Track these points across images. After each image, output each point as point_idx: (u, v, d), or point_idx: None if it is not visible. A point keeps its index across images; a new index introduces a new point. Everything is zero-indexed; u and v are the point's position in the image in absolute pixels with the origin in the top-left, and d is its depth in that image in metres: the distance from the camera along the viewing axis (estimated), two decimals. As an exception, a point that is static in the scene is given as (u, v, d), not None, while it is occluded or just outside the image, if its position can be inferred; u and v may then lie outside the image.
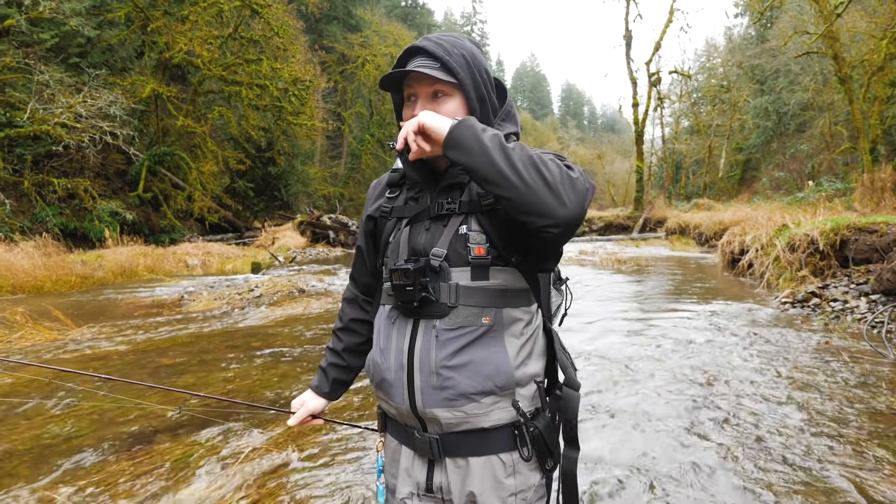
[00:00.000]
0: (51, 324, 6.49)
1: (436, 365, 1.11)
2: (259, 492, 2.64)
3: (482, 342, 1.12)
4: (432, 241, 1.17)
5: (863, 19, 20.28)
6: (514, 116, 1.29)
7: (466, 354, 1.11)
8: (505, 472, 1.14)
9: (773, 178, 28.30)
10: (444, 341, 1.11)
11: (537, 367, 1.20)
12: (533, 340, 1.20)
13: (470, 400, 1.10)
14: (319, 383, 1.45)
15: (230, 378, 4.52)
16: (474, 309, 1.12)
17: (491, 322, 1.13)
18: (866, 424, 3.18)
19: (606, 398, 3.84)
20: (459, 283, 1.13)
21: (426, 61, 1.18)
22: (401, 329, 1.17)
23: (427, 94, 1.19)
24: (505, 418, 1.14)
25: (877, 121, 19.56)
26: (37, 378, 4.48)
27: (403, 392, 1.15)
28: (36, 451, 3.17)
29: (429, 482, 1.18)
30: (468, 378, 1.10)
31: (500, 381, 1.11)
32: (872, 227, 6.86)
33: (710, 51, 44.42)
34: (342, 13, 38.96)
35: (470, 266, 1.13)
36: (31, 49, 16.84)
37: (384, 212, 1.30)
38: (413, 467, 1.21)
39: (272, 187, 28.99)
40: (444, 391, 1.10)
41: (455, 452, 1.15)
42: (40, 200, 16.60)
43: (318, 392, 1.45)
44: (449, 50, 1.18)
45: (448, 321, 1.12)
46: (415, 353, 1.13)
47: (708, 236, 15.82)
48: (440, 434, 1.15)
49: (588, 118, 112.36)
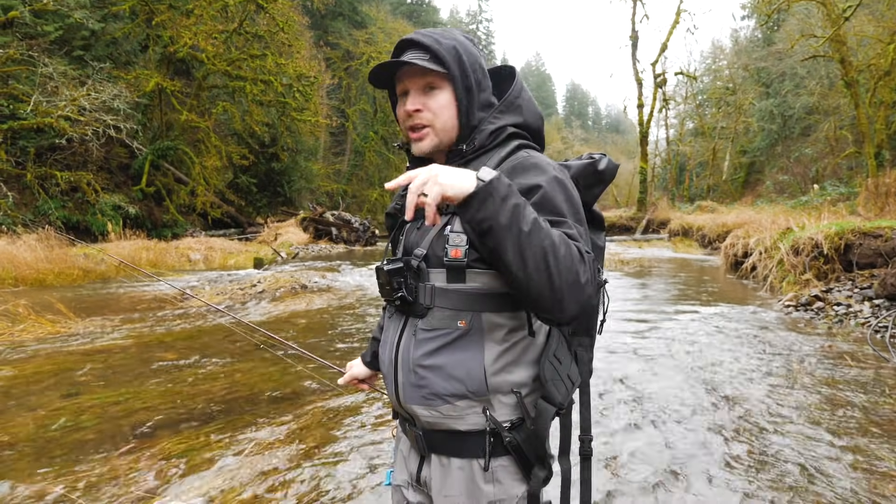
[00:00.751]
0: (53, 316, 6.50)
1: (413, 363, 1.11)
2: (265, 486, 2.64)
3: (458, 345, 1.08)
4: (418, 240, 1.16)
5: (870, 23, 20.20)
6: (518, 108, 1.22)
7: (440, 357, 1.09)
8: (483, 478, 1.11)
9: (777, 181, 28.25)
10: (421, 341, 1.11)
11: (523, 375, 1.13)
12: (520, 348, 1.13)
13: (444, 401, 1.09)
14: (365, 353, 1.52)
15: (230, 373, 4.52)
16: (449, 312, 1.09)
17: (468, 326, 1.08)
18: (869, 429, 3.17)
19: (604, 399, 3.83)
20: (435, 284, 1.11)
21: (417, 54, 1.15)
22: (394, 325, 1.19)
23: (419, 87, 1.17)
24: (480, 423, 1.10)
25: (882, 125, 19.50)
26: (39, 370, 4.48)
27: (392, 386, 1.18)
28: (39, 443, 3.17)
29: (419, 473, 1.20)
30: (441, 380, 1.09)
31: (473, 387, 1.08)
32: (877, 231, 6.83)
33: (716, 53, 44.33)
34: (348, 9, 38.94)
35: (445, 268, 1.10)
36: (34, 41, 16.84)
37: (396, 209, 1.31)
38: (409, 457, 1.25)
39: (275, 183, 28.99)
40: (420, 389, 1.11)
41: (439, 450, 1.15)
42: (43, 193, 16.62)
43: (363, 360, 1.52)
44: (439, 40, 1.15)
45: (426, 322, 1.11)
46: (399, 350, 1.15)
47: (711, 238, 15.78)
48: (423, 430, 1.15)
49: (592, 118, 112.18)
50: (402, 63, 1.14)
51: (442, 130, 1.17)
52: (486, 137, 1.19)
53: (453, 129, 1.18)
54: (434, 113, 1.16)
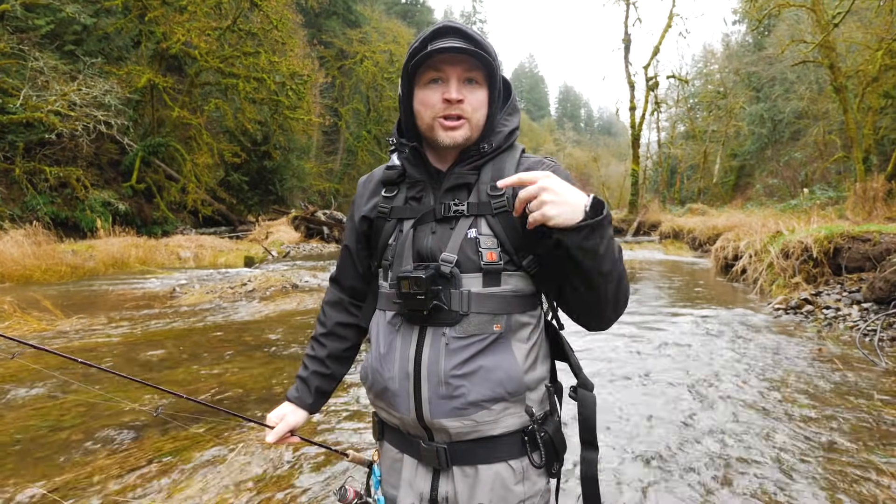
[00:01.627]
0: (39, 314, 6.41)
1: (445, 374, 1.06)
2: (251, 489, 2.61)
3: (492, 349, 1.09)
4: (440, 244, 1.11)
5: (859, 30, 20.42)
6: (518, 110, 1.25)
7: (477, 362, 1.07)
8: (514, 479, 1.11)
9: (766, 184, 28.47)
10: (455, 350, 1.07)
11: (544, 370, 1.18)
12: (539, 344, 1.17)
13: (480, 408, 1.07)
14: (301, 394, 1.33)
15: (220, 374, 4.47)
16: (486, 316, 1.08)
17: (502, 329, 1.09)
18: (856, 432, 3.19)
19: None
20: (471, 289, 1.08)
21: (463, 44, 1.08)
22: (406, 337, 1.12)
23: (461, 78, 1.12)
24: (515, 424, 1.11)
25: (870, 131, 19.73)
26: (24, 368, 4.42)
27: (409, 402, 1.10)
28: (24, 444, 3.12)
29: (433, 493, 1.13)
30: (478, 385, 1.06)
31: (511, 387, 1.08)
32: (866, 235, 6.90)
33: (707, 57, 44.62)
34: (342, 8, 38.83)
35: (482, 272, 1.09)
36: (25, 35, 16.64)
37: (382, 212, 1.22)
38: (416, 478, 1.16)
39: (267, 181, 28.84)
40: (453, 400, 1.06)
41: (463, 461, 1.11)
42: (31, 188, 16.42)
43: (299, 404, 1.33)
44: (482, 37, 1.12)
45: (459, 329, 1.07)
46: (422, 362, 1.08)
47: (701, 241, 15.87)
48: (448, 443, 1.10)
49: (585, 121, 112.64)
50: (461, 49, 1.07)
51: (475, 127, 1.15)
52: (504, 139, 1.19)
53: (481, 128, 1.16)
54: (473, 107, 1.13)
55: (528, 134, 70.50)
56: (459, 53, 1.08)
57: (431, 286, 1.05)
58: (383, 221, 1.22)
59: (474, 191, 1.15)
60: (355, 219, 1.28)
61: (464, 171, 1.15)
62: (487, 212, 1.11)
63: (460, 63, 1.11)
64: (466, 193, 1.15)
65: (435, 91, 1.13)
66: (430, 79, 1.13)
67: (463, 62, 1.11)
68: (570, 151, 56.49)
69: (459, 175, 1.15)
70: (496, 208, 1.11)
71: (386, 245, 1.20)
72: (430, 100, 1.13)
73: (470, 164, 1.16)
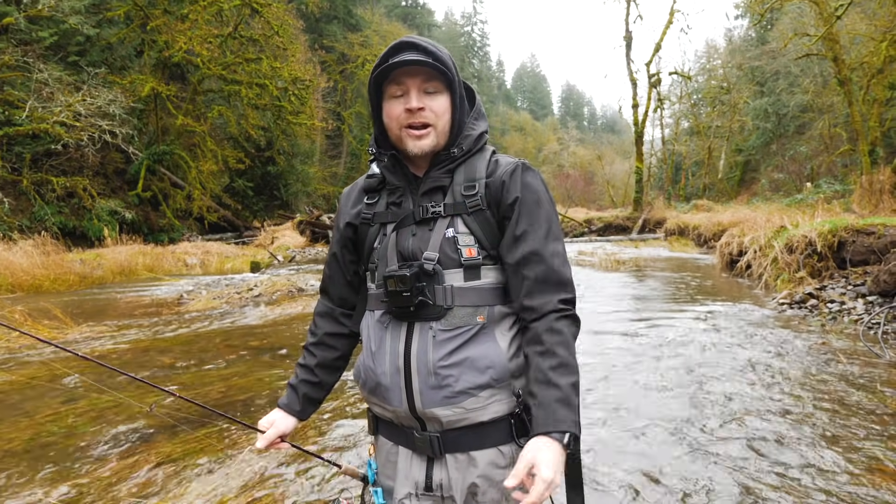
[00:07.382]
0: (50, 322, 6.49)
1: (434, 365, 1.13)
2: (259, 491, 2.65)
3: (477, 339, 1.15)
4: (421, 244, 1.18)
5: (862, 22, 20.31)
6: (484, 115, 1.32)
7: (463, 352, 1.14)
8: (504, 461, 1.17)
9: (772, 179, 28.35)
10: (442, 342, 1.14)
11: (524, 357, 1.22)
12: (518, 333, 1.22)
13: (468, 395, 1.13)
14: (290, 401, 1.37)
15: (227, 377, 4.53)
16: (469, 309, 1.16)
17: (485, 320, 1.16)
18: (861, 424, 3.20)
19: (598, 395, 3.85)
20: (454, 284, 1.16)
21: (419, 56, 1.16)
22: (394, 333, 1.19)
23: (421, 88, 1.18)
24: (503, 410, 1.17)
25: (876, 123, 19.63)
26: (37, 375, 4.49)
27: (401, 395, 1.16)
28: (35, 450, 3.17)
29: (428, 480, 1.19)
30: (466, 374, 1.13)
31: (497, 374, 1.14)
32: (870, 228, 6.87)
33: (710, 52, 44.45)
34: (342, 12, 38.98)
35: (462, 267, 1.16)
36: (29, 47, 16.85)
37: (365, 218, 1.28)
38: (411, 467, 1.22)
39: (271, 186, 29.00)
40: (442, 390, 1.13)
41: (455, 448, 1.17)
42: (39, 199, 16.60)
43: (288, 411, 1.36)
44: (437, 47, 1.19)
45: (445, 322, 1.14)
46: (411, 356, 1.15)
47: (707, 237, 15.82)
48: (440, 431, 1.16)
49: (588, 119, 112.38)
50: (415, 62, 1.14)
51: (441, 133, 1.22)
52: (473, 143, 1.25)
53: (447, 134, 1.23)
54: (436, 114, 1.20)
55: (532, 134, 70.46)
56: (415, 66, 1.15)
57: (416, 283, 1.12)
58: (367, 227, 1.29)
59: (449, 192, 1.22)
60: (341, 226, 1.34)
61: (438, 174, 1.22)
62: (463, 211, 1.19)
63: (418, 74, 1.18)
64: (442, 196, 1.22)
65: (398, 103, 1.20)
66: (392, 94, 1.21)
67: (421, 73, 1.18)
68: (574, 150, 56.41)
69: (435, 179, 1.22)
70: (470, 207, 1.19)
71: (371, 249, 1.27)
72: (395, 111, 1.20)
73: (443, 168, 1.23)
